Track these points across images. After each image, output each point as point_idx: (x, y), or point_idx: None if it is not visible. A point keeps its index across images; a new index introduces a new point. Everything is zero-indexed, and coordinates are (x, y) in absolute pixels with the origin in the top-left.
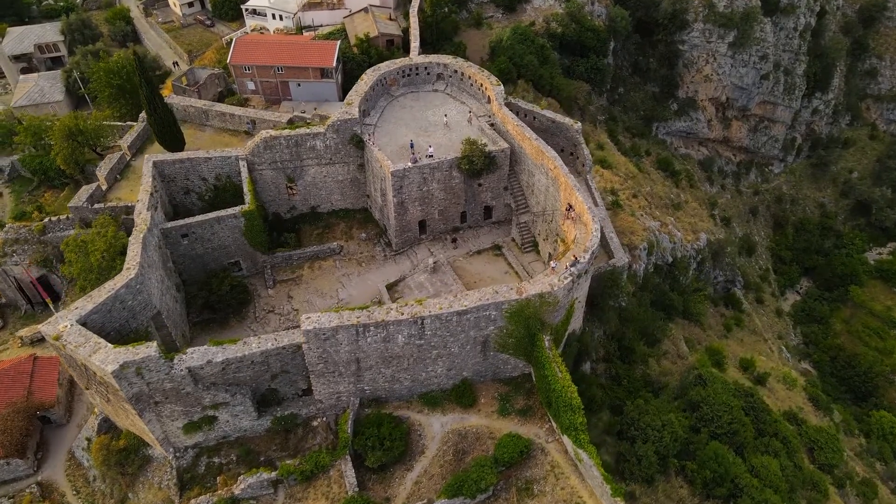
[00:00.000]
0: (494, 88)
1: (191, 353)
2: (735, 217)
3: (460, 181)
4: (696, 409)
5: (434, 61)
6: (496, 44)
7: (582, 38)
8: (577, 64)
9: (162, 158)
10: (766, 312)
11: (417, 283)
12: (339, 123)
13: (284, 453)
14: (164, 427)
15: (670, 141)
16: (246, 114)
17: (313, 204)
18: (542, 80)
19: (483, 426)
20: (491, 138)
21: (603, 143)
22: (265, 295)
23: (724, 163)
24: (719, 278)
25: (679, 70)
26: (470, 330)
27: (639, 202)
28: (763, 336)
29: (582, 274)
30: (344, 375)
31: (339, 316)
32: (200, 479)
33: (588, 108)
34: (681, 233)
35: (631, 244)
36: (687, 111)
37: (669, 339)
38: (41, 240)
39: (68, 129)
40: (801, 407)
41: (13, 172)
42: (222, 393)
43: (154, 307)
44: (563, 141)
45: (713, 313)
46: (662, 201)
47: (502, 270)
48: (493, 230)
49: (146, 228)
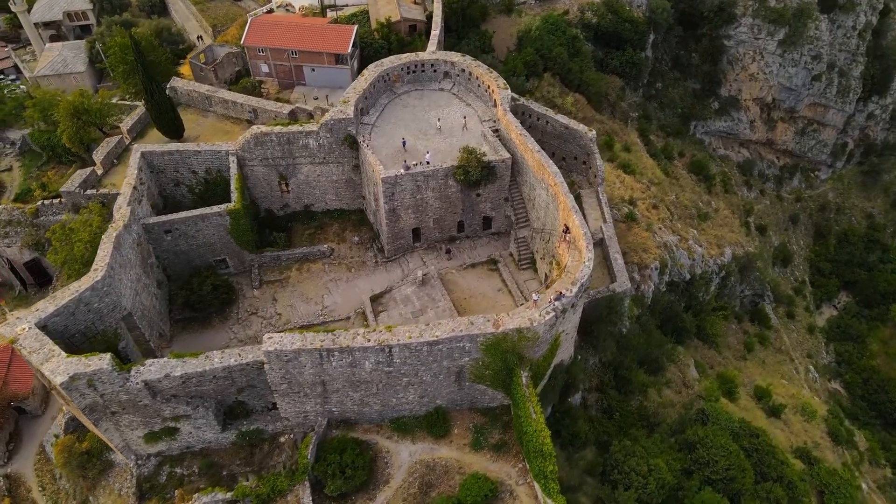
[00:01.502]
0: (501, 92)
1: (148, 366)
2: (772, 225)
3: (457, 190)
4: (692, 450)
5: (441, 58)
6: (524, 34)
7: (619, 30)
8: (612, 57)
9: (151, 150)
10: (797, 328)
11: (403, 297)
12: (333, 123)
13: (248, 468)
14: (123, 436)
15: (708, 141)
16: (248, 102)
17: (307, 203)
18: (571, 73)
19: (453, 459)
20: (493, 146)
21: (631, 144)
22: (250, 295)
23: (765, 166)
24: (746, 292)
25: (722, 67)
26: (443, 360)
27: (658, 213)
28: (790, 355)
29: (568, 308)
30: (310, 396)
31: (303, 338)
32: (161, 489)
33: (619, 104)
34: (702, 248)
35: (641, 263)
36: (728, 111)
37: (676, 366)
38: (34, 223)
39: (73, 108)
40: (817, 442)
41: (24, 146)
42: (183, 406)
43: (124, 309)
44: (576, 148)
45: (735, 330)
46: (687, 211)
47: (495, 287)
48: (492, 241)
49: (122, 226)
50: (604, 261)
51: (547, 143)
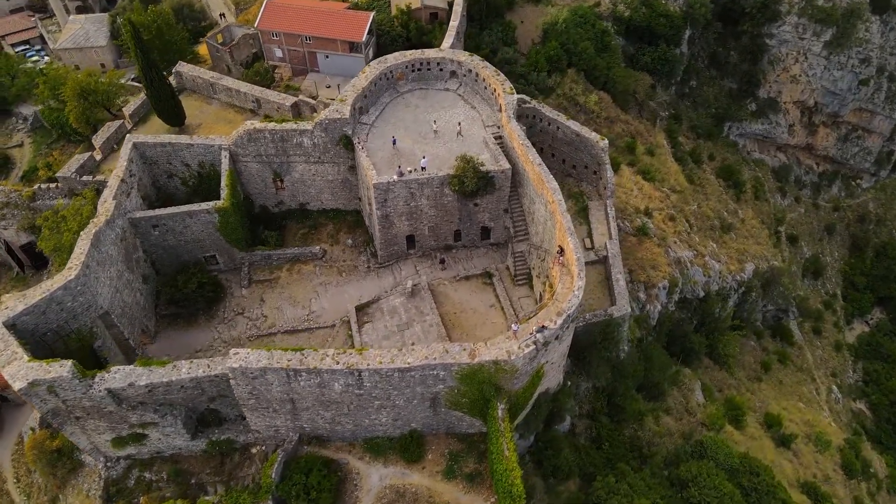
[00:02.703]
0: (506, 97)
1: (112, 374)
2: (805, 235)
3: (453, 199)
4: (683, 488)
5: (448, 57)
6: (549, 26)
7: (652, 24)
8: (644, 53)
9: (143, 140)
10: (823, 345)
11: (391, 308)
12: (328, 122)
13: (218, 478)
14: (90, 438)
15: (743, 143)
16: (251, 92)
17: (302, 201)
18: (597, 70)
19: (424, 487)
20: (493, 155)
21: (656, 147)
22: (238, 294)
23: (803, 172)
24: (769, 307)
25: (762, 66)
26: (416, 386)
27: (675, 226)
28: (811, 374)
29: (551, 340)
30: (279, 412)
31: (270, 356)
32: (128, 493)
33: (648, 103)
34: (720, 263)
35: (649, 282)
36: (766, 113)
37: (679, 389)
38: (31, 206)
39: (81, 88)
40: (828, 476)
41: (36, 122)
42: (150, 413)
43: (100, 308)
44: (587, 157)
45: (753, 347)
46: (709, 222)
47: (488, 303)
48: (490, 252)
49: (104, 221)
50: (606, 280)
51: (557, 149)
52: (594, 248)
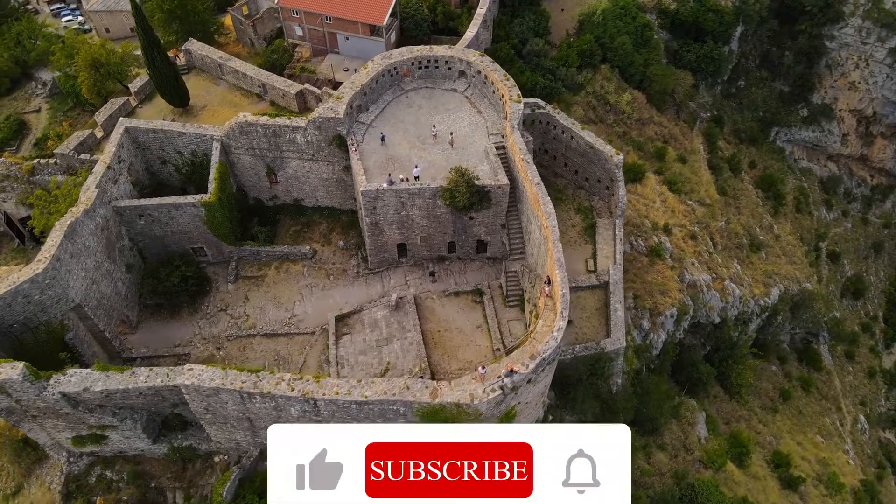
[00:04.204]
0: (512, 105)
1: (68, 377)
2: (848, 252)
3: (447, 211)
4: None
5: (457, 56)
6: (586, 17)
7: (700, 19)
8: (688, 49)
9: (135, 125)
10: (855, 371)
11: (372, 320)
12: (322, 121)
13: (178, 484)
14: (50, 435)
15: (790, 150)
16: (258, 76)
17: (296, 197)
18: (633, 66)
19: None
20: (492, 167)
21: (689, 154)
22: (224, 290)
23: (854, 185)
24: (797, 331)
25: (819, 70)
26: (376, 417)
27: (695, 246)
28: (838, 402)
29: (522, 385)
30: (237, 428)
31: (224, 375)
32: (88, 490)
33: (687, 103)
34: (743, 287)
35: (655, 308)
36: (819, 119)
37: (680, 423)
38: (30, 180)
39: (92, 59)
40: None
41: (54, 88)
42: (109, 416)
43: (72, 301)
44: (601, 171)
45: (775, 372)
46: (737, 240)
47: (474, 323)
48: (486, 267)
49: (82, 211)
50: (604, 308)
51: (571, 159)
52: (596, 272)
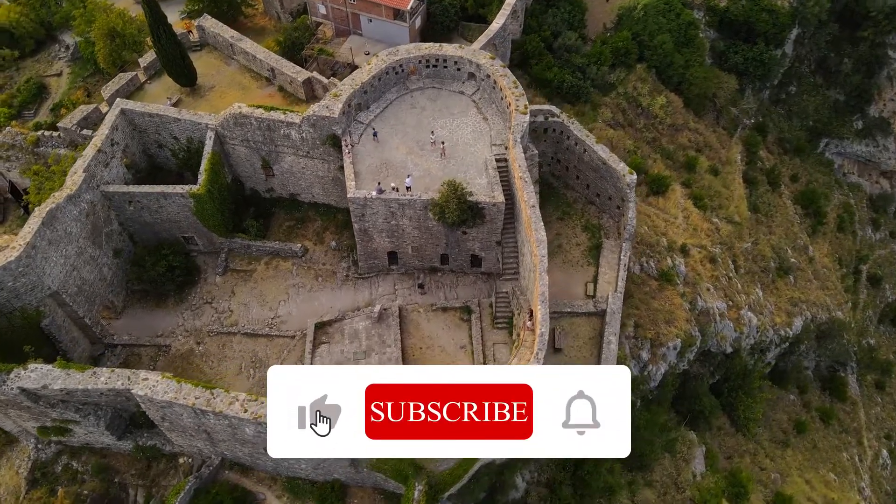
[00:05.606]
0: (517, 117)
1: (28, 372)
2: (892, 276)
3: (438, 224)
4: None
5: (466, 57)
6: (625, 12)
7: (751, 19)
8: (736, 50)
9: (132, 108)
10: (884, 403)
11: (353, 331)
12: (316, 119)
13: (142, 482)
14: (16, 423)
15: (840, 163)
16: (267, 60)
17: (292, 191)
18: (672, 67)
19: None
20: (490, 182)
21: (724, 164)
22: (212, 281)
23: None
24: (822, 360)
25: (878, 81)
26: None
27: (713, 270)
28: (860, 436)
29: None
30: (196, 438)
31: (178, 389)
32: (54, 478)
33: (729, 109)
34: (762, 316)
35: (657, 339)
36: (874, 133)
37: (674, 458)
38: (34, 151)
39: (108, 28)
40: None
41: (76, 53)
42: (71, 412)
43: (48, 288)
44: (612, 189)
45: (793, 402)
46: (763, 263)
47: (458, 343)
48: (479, 282)
49: (65, 197)
50: (598, 338)
51: (583, 172)
52: (595, 298)
